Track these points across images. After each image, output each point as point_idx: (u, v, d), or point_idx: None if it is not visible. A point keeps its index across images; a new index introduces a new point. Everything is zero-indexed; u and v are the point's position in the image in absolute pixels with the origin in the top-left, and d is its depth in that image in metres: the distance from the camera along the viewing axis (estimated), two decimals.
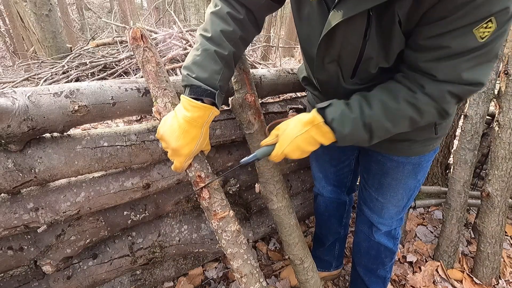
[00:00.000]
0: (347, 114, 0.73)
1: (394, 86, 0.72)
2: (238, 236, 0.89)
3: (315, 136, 0.76)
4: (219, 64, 0.78)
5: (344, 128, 0.73)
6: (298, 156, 0.79)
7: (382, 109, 0.71)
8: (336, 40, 0.72)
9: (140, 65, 0.87)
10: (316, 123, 0.76)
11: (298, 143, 0.77)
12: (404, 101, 0.70)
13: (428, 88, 0.67)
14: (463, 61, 0.61)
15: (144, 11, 15.99)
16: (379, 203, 1.08)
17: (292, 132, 0.77)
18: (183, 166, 0.83)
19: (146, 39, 0.86)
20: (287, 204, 1.06)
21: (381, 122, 0.72)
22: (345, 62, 0.77)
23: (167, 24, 9.16)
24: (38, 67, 3.22)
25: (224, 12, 0.79)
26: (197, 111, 0.76)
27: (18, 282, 0.99)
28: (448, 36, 0.60)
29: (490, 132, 1.95)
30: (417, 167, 0.98)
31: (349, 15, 0.64)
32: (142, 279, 1.26)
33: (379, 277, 1.25)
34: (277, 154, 0.79)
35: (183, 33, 2.65)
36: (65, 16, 8.08)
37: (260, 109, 1.01)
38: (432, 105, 0.69)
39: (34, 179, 0.80)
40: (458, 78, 0.64)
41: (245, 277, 0.89)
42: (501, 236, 1.54)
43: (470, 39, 0.59)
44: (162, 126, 0.79)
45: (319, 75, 0.86)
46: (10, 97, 0.70)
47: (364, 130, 0.73)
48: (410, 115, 0.70)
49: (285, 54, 8.15)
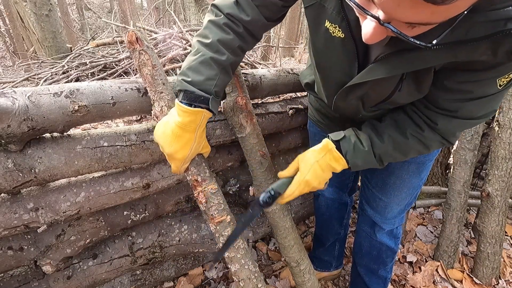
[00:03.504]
0: (358, 147, 0.79)
1: (403, 120, 0.77)
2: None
3: (330, 162, 0.81)
4: (215, 70, 0.77)
5: (357, 159, 0.79)
6: (317, 184, 0.81)
7: (391, 143, 0.77)
8: (367, 86, 0.72)
9: (137, 69, 0.87)
10: (329, 148, 0.80)
11: (316, 168, 0.80)
12: (411, 136, 0.75)
13: (441, 124, 0.71)
14: (480, 102, 0.65)
15: (144, 11, 15.99)
16: (383, 203, 1.08)
17: (310, 159, 0.80)
18: (179, 170, 0.83)
19: (142, 42, 0.85)
20: (282, 207, 1.06)
21: (390, 154, 0.79)
22: (370, 100, 0.78)
23: (167, 24, 9.15)
24: (38, 67, 3.22)
25: (223, 23, 0.78)
26: (188, 116, 0.75)
27: (18, 282, 0.99)
28: (474, 84, 0.62)
29: (490, 132, 1.95)
30: (421, 166, 0.99)
31: (391, 74, 0.63)
32: (142, 279, 1.26)
33: (380, 277, 1.25)
34: (300, 181, 0.80)
35: (183, 33, 2.65)
36: (65, 16, 8.08)
37: (252, 112, 1.01)
38: (439, 140, 0.74)
39: (34, 179, 0.80)
40: (473, 116, 0.68)
41: (242, 282, 0.89)
42: (501, 236, 1.54)
43: (492, 86, 0.61)
44: (156, 131, 0.79)
45: (339, 103, 0.85)
46: (10, 97, 0.70)
47: (375, 159, 0.80)
48: (417, 148, 0.77)
49: (285, 54, 8.15)
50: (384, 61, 0.63)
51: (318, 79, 0.90)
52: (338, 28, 0.67)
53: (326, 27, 0.69)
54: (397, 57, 0.61)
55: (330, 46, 0.73)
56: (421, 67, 0.60)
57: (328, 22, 0.68)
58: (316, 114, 1.14)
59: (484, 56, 0.54)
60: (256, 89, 1.15)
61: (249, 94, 1.04)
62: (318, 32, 0.74)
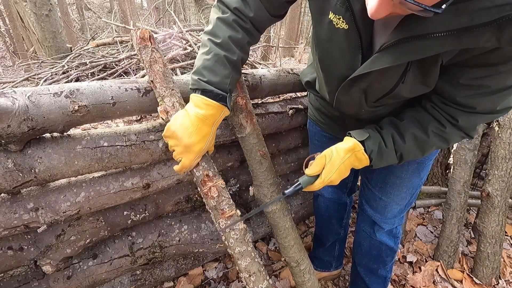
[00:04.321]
0: (383, 147, 0.80)
1: (424, 117, 0.77)
2: (246, 234, 0.90)
3: (353, 162, 0.81)
4: (228, 69, 0.80)
5: (381, 159, 0.80)
6: (338, 181, 0.83)
7: (413, 142, 0.78)
8: (370, 78, 0.72)
9: (146, 65, 0.88)
10: (356, 151, 0.80)
11: (341, 169, 0.80)
12: (433, 133, 0.76)
13: (461, 121, 0.71)
14: (498, 95, 0.65)
15: (144, 11, 15.99)
16: (383, 202, 1.08)
17: (336, 160, 0.80)
18: (191, 165, 0.82)
19: (154, 40, 0.88)
20: (282, 207, 1.06)
21: (412, 152, 0.80)
22: (373, 93, 0.78)
23: (167, 24, 9.16)
24: (38, 67, 3.22)
25: (232, 19, 0.80)
26: (211, 109, 0.78)
27: (18, 282, 0.99)
28: (490, 78, 0.62)
29: (490, 132, 1.95)
30: (421, 165, 0.99)
31: (395, 63, 0.63)
32: (142, 279, 1.26)
33: (380, 277, 1.25)
34: (323, 182, 0.81)
35: (183, 33, 2.65)
36: (65, 16, 8.08)
37: (252, 112, 1.01)
38: (460, 135, 0.75)
39: (34, 179, 0.80)
40: (493, 110, 0.68)
41: (254, 276, 0.89)
42: (501, 236, 1.54)
43: (508, 79, 0.61)
44: (173, 123, 0.79)
45: (341, 97, 0.85)
46: (10, 97, 0.70)
47: (396, 157, 0.81)
48: (437, 145, 0.78)
49: (285, 54, 8.15)
50: (389, 50, 0.62)
51: (321, 75, 0.90)
52: (342, 19, 0.67)
53: (330, 19, 0.70)
54: (402, 45, 0.60)
55: (334, 38, 0.73)
56: (426, 55, 0.59)
57: (332, 14, 0.69)
58: (316, 113, 1.14)
59: (488, 43, 0.54)
60: (256, 89, 1.15)
61: (249, 94, 1.04)
62: (322, 25, 0.74)
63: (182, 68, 2.30)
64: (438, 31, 0.55)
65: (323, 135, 1.15)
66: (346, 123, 1.00)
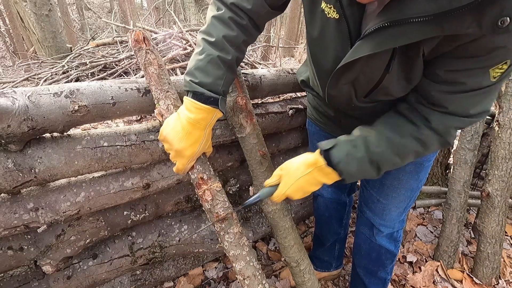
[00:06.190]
0: (353, 154, 0.74)
1: (398, 120, 0.74)
2: (241, 238, 0.89)
3: (317, 177, 0.78)
4: (221, 69, 0.78)
5: (351, 167, 0.75)
6: (300, 196, 0.80)
7: (388, 145, 0.73)
8: (357, 68, 0.71)
9: (142, 67, 0.88)
10: (318, 165, 0.76)
11: (301, 184, 0.77)
12: (409, 136, 0.72)
13: (434, 122, 0.69)
14: (473, 96, 0.63)
15: (144, 11, 15.98)
16: (381, 204, 1.08)
17: (294, 173, 0.77)
18: (185, 168, 0.83)
19: (149, 41, 0.87)
20: (282, 207, 1.06)
21: (388, 158, 0.74)
22: (361, 85, 0.77)
23: (167, 24, 9.15)
24: (38, 67, 3.22)
25: (227, 17, 0.78)
26: (201, 113, 0.76)
27: (18, 282, 0.99)
28: (466, 73, 0.61)
29: (490, 132, 1.95)
30: (418, 166, 0.98)
31: (377, 50, 0.62)
32: (142, 279, 1.26)
33: (379, 278, 1.25)
34: (279, 195, 0.79)
35: (183, 33, 2.65)
36: (65, 16, 8.07)
37: (253, 112, 1.01)
38: (436, 138, 0.71)
39: (34, 179, 0.80)
40: (466, 112, 0.66)
41: (248, 279, 0.89)
42: (501, 236, 1.54)
43: (485, 78, 0.60)
44: (165, 127, 0.79)
45: (331, 91, 0.84)
46: (10, 97, 0.70)
47: (371, 167, 0.75)
48: (415, 149, 0.73)
49: (285, 54, 8.14)
50: (371, 36, 0.62)
51: (313, 70, 0.89)
52: (333, 9, 0.67)
53: (322, 8, 0.70)
54: (383, 31, 0.59)
55: (325, 30, 0.73)
56: (407, 41, 0.59)
57: (324, 3, 0.69)
58: (314, 112, 1.14)
59: (470, 29, 0.53)
60: (256, 89, 1.15)
61: (249, 94, 1.04)
62: (314, 17, 0.74)
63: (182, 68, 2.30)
64: (418, 16, 0.54)
65: (322, 135, 1.15)
66: (341, 122, 0.99)
